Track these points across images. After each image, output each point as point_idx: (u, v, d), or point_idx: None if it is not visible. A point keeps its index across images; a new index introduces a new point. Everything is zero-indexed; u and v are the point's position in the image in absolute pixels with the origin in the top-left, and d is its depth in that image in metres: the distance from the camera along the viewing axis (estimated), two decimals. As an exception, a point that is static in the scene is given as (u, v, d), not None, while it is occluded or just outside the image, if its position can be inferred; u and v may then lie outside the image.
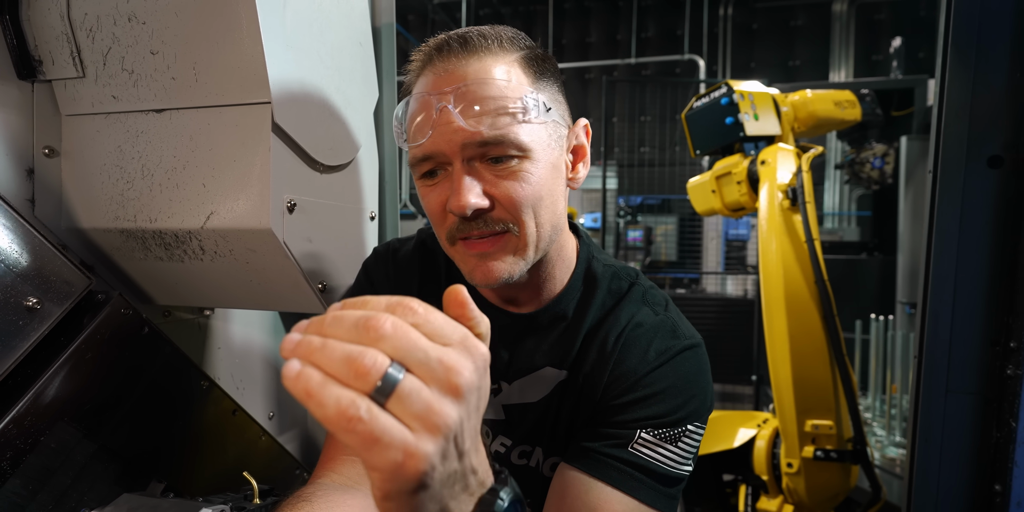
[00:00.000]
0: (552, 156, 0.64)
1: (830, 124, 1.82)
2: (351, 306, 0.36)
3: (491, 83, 0.59)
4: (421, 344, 0.34)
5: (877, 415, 2.47)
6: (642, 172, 4.91)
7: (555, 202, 0.65)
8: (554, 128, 0.64)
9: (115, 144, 0.75)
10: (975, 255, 0.85)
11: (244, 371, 1.02)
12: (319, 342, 0.33)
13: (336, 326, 0.34)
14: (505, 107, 0.59)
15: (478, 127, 0.58)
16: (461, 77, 0.60)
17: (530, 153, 0.61)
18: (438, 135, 0.60)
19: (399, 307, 0.35)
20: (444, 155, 0.61)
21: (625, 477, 0.63)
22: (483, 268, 0.63)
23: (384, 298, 0.36)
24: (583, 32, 7.23)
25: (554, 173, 0.64)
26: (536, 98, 0.61)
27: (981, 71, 0.83)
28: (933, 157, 0.87)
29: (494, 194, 0.61)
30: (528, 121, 0.60)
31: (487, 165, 0.61)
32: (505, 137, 0.59)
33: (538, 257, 0.66)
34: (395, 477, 0.33)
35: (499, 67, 0.61)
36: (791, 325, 1.45)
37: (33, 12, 0.72)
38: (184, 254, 0.77)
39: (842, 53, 6.35)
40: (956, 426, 0.85)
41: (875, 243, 3.32)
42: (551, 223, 0.65)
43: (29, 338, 0.65)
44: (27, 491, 0.65)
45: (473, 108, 0.59)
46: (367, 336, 0.33)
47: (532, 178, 0.61)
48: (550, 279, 0.72)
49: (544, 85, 0.64)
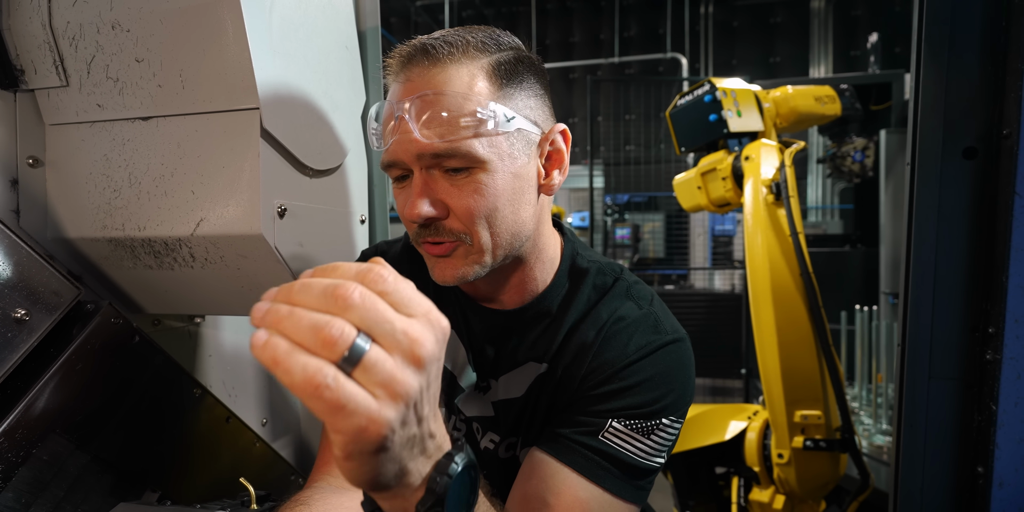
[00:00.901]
0: (515, 166, 0.64)
1: (811, 119, 1.85)
2: (321, 273, 0.37)
3: (447, 95, 0.60)
4: (388, 315, 0.35)
5: (864, 404, 2.51)
6: (628, 170, 4.94)
7: (516, 211, 0.65)
8: (519, 137, 0.64)
9: (101, 153, 0.75)
10: (953, 244, 0.87)
11: (236, 378, 1.01)
12: (286, 310, 0.34)
13: (304, 293, 0.35)
14: (458, 120, 0.60)
15: (432, 139, 0.59)
16: (422, 86, 0.61)
17: (485, 164, 0.61)
18: (397, 144, 0.62)
19: (369, 274, 0.36)
20: (404, 163, 0.63)
21: (592, 465, 0.64)
22: (439, 268, 0.66)
23: (355, 265, 0.37)
24: (566, 32, 7.26)
25: (517, 183, 0.64)
26: (494, 110, 0.61)
27: (954, 65, 0.86)
28: (910, 150, 0.90)
29: (449, 204, 0.63)
30: (485, 134, 0.61)
31: (444, 174, 0.62)
32: (458, 150, 0.60)
33: (498, 262, 0.67)
34: (358, 440, 0.35)
35: (461, 77, 0.61)
36: (778, 318, 1.48)
37: (14, 21, 0.71)
38: (174, 262, 0.77)
39: (821, 49, 6.45)
40: (939, 411, 0.88)
41: (858, 235, 3.37)
42: (510, 232, 0.65)
43: (18, 350, 0.65)
44: (20, 504, 0.64)
45: (428, 119, 0.60)
46: (335, 305, 0.34)
47: (487, 190, 0.62)
48: (530, 279, 0.73)
49: (513, 91, 0.63)
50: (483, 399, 0.76)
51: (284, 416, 1.11)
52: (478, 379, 0.76)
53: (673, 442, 0.70)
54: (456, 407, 0.77)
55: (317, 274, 0.37)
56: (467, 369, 0.76)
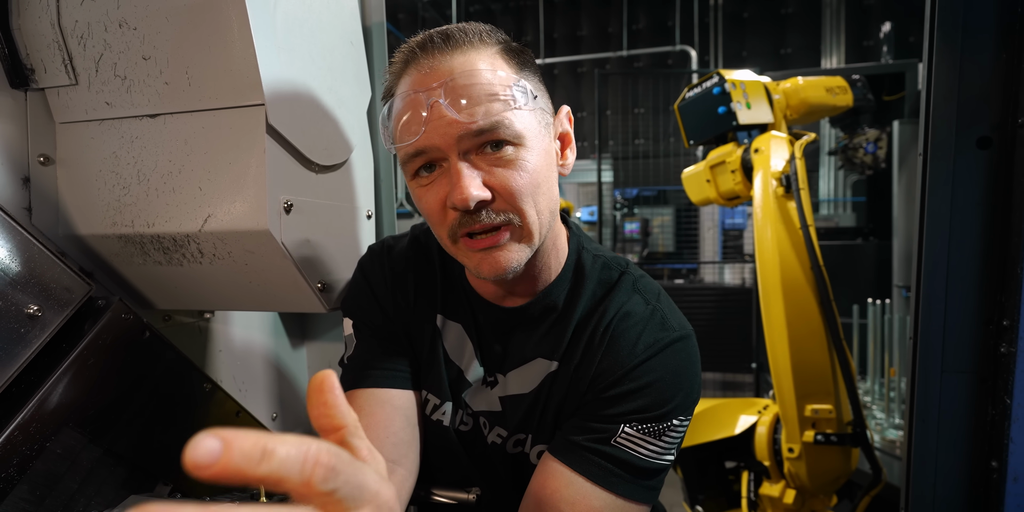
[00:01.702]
0: (544, 143, 0.65)
1: (822, 111, 1.82)
2: (248, 454, 0.25)
3: (478, 74, 0.60)
4: None
5: (876, 398, 2.49)
6: (637, 164, 4.91)
7: (551, 189, 0.66)
8: (542, 116, 0.65)
9: (110, 150, 0.75)
10: (967, 236, 0.86)
11: (246, 373, 1.03)
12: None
13: None
14: (496, 95, 0.60)
15: (473, 117, 0.59)
16: (448, 71, 0.61)
17: (524, 141, 0.62)
18: (432, 130, 0.60)
19: (316, 468, 0.27)
20: (439, 150, 0.61)
21: (605, 473, 0.64)
22: (490, 260, 0.63)
23: (294, 446, 0.27)
24: (574, 26, 7.20)
25: (547, 160, 0.65)
26: (523, 86, 0.62)
27: (968, 53, 0.84)
28: (923, 140, 0.88)
29: (493, 185, 0.62)
30: (519, 108, 0.61)
31: (483, 156, 0.61)
32: (500, 124, 0.60)
33: (541, 242, 0.67)
34: None
35: (483, 60, 0.62)
36: (789, 312, 1.47)
37: (23, 21, 0.72)
38: (183, 258, 0.77)
39: (833, 39, 6.35)
40: (952, 405, 0.87)
41: (870, 228, 3.33)
42: (549, 209, 0.66)
43: (31, 345, 0.66)
44: (35, 497, 0.66)
45: (464, 99, 0.59)
46: None
47: (528, 166, 0.62)
48: (545, 269, 0.72)
49: (527, 75, 0.65)
50: (490, 394, 0.76)
51: (294, 410, 1.12)
52: (485, 374, 0.76)
53: (681, 439, 0.70)
54: (463, 401, 0.77)
55: (237, 457, 0.25)
56: (474, 363, 0.76)
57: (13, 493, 0.63)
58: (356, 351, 0.78)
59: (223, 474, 0.25)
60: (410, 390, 0.76)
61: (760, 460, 1.64)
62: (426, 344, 0.77)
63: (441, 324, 0.77)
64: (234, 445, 0.25)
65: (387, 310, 0.78)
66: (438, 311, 0.78)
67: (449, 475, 0.80)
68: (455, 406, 0.77)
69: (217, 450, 0.25)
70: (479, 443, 0.77)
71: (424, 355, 0.77)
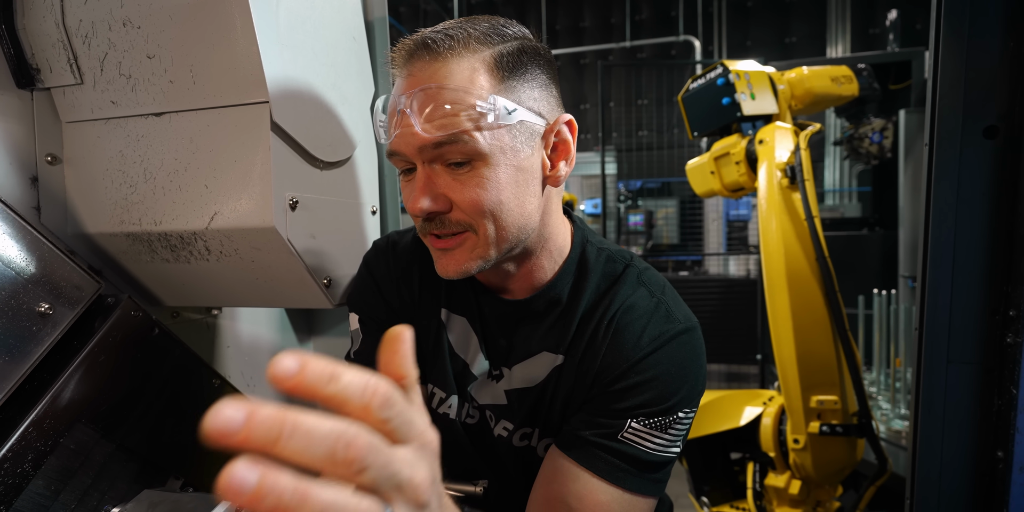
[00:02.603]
0: (517, 159, 0.63)
1: (827, 100, 1.81)
2: (319, 375, 0.29)
3: (448, 89, 0.60)
4: (395, 468, 0.30)
5: (882, 389, 2.49)
6: (641, 156, 4.89)
7: (521, 204, 0.65)
8: (522, 129, 0.63)
9: (116, 149, 0.76)
10: (973, 226, 0.85)
11: (253, 368, 1.04)
12: (286, 488, 0.26)
13: (301, 443, 0.28)
14: (458, 113, 0.60)
15: (432, 132, 0.60)
16: (423, 80, 0.61)
17: (486, 158, 0.61)
18: (399, 137, 0.62)
19: (375, 398, 0.30)
20: (406, 156, 0.63)
21: (612, 468, 0.65)
22: (443, 261, 0.67)
23: (359, 377, 0.30)
24: (576, 17, 7.15)
25: (520, 175, 0.64)
26: (494, 102, 0.60)
27: (975, 41, 0.83)
28: (929, 129, 0.87)
29: (452, 198, 0.63)
30: (486, 127, 0.60)
31: (447, 168, 0.62)
32: (458, 139, 0.60)
33: (502, 255, 0.67)
34: None
35: (461, 71, 0.61)
36: (793, 303, 1.46)
37: (28, 21, 0.72)
38: (190, 255, 0.78)
39: (838, 28, 6.28)
40: (957, 396, 0.87)
41: (876, 218, 3.32)
42: (516, 225, 0.65)
43: (43, 343, 0.67)
44: (50, 491, 0.67)
45: (429, 113, 0.60)
46: (346, 468, 0.28)
47: (489, 184, 0.62)
48: (538, 269, 0.73)
49: (516, 83, 0.63)
50: (495, 387, 0.76)
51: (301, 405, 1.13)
52: (491, 367, 0.77)
53: (687, 431, 0.71)
54: (469, 394, 0.78)
55: (311, 377, 0.29)
56: (479, 356, 0.77)
57: (29, 488, 0.64)
58: (362, 346, 0.78)
59: (298, 388, 0.29)
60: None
61: (765, 451, 1.65)
62: (431, 338, 0.77)
63: (446, 318, 0.78)
64: (309, 366, 0.29)
65: (392, 305, 0.79)
66: (443, 305, 0.78)
67: (456, 468, 0.81)
68: (461, 399, 0.78)
69: (295, 367, 0.28)
70: (486, 436, 0.78)
71: (429, 349, 0.78)
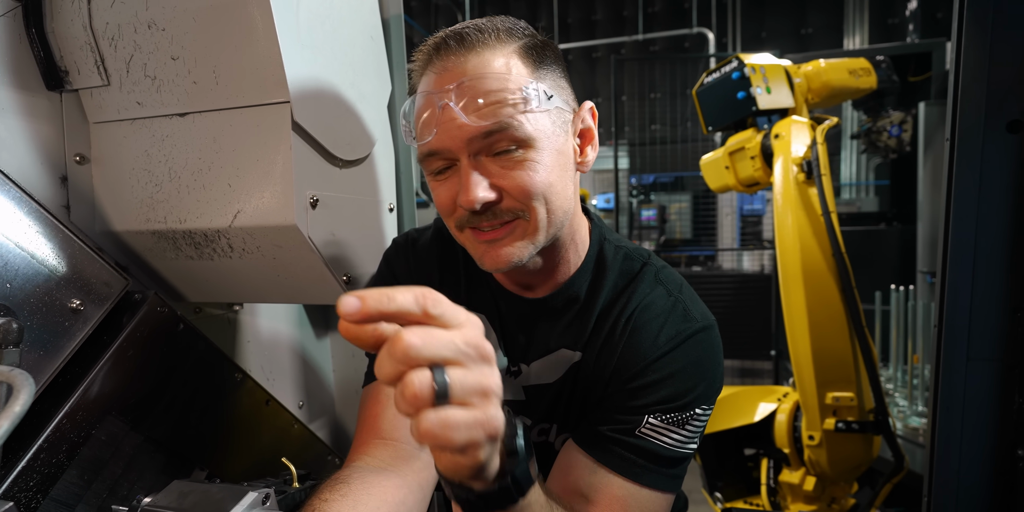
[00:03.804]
0: (558, 143, 0.65)
1: (845, 93, 1.79)
2: (375, 302, 0.38)
3: (489, 77, 0.61)
4: (446, 339, 0.40)
5: (899, 386, 2.46)
6: (654, 150, 4.85)
7: (565, 187, 0.66)
8: (558, 114, 0.65)
9: (142, 149, 0.78)
10: (995, 221, 0.84)
11: (273, 363, 1.06)
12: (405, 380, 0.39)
13: (396, 302, 0.39)
14: (505, 99, 0.60)
15: (480, 121, 0.60)
16: (460, 74, 0.61)
17: (534, 142, 0.62)
18: (443, 132, 0.62)
19: (426, 300, 0.40)
20: (450, 151, 0.63)
21: (628, 463, 0.66)
22: (492, 253, 0.65)
23: (408, 291, 0.40)
24: (588, 10, 7.08)
25: (561, 159, 0.66)
26: (536, 87, 0.62)
27: (999, 33, 0.82)
28: (950, 123, 0.86)
29: (502, 185, 0.63)
30: (530, 110, 0.61)
31: (493, 158, 0.63)
32: (509, 126, 0.61)
33: (548, 241, 0.67)
34: (480, 443, 0.41)
35: (497, 60, 0.62)
36: (809, 298, 1.46)
37: (57, 24, 0.74)
38: (213, 252, 0.80)
39: (856, 18, 6.15)
40: (977, 393, 0.86)
41: (894, 213, 3.27)
42: (562, 209, 0.66)
43: (75, 338, 0.69)
44: (83, 481, 0.69)
45: (475, 102, 0.60)
46: (405, 359, 0.38)
47: (539, 166, 0.63)
48: (564, 262, 0.73)
49: (545, 73, 0.65)
50: (514, 383, 0.77)
51: (320, 398, 1.15)
52: (509, 363, 0.78)
53: (703, 428, 0.71)
54: (487, 390, 0.79)
55: (372, 303, 0.38)
56: (498, 353, 0.77)
57: (64, 477, 0.67)
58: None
59: (367, 315, 0.38)
60: None
61: (780, 447, 1.64)
62: None
63: None
64: (367, 297, 0.38)
65: None
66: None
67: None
68: None
69: (357, 302, 0.38)
70: None
71: None
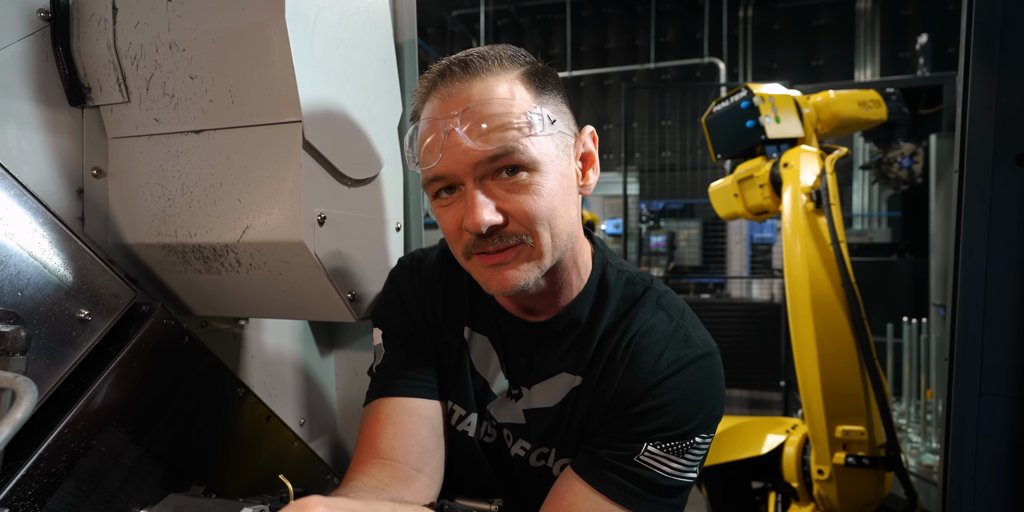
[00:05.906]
0: (561, 166, 0.66)
1: (854, 125, 1.80)
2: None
3: (494, 102, 0.62)
4: None
5: (912, 421, 2.40)
6: (663, 177, 4.89)
7: (568, 211, 0.67)
8: (561, 139, 0.66)
9: (157, 164, 0.80)
10: (1005, 254, 0.83)
11: (276, 379, 1.05)
12: None
13: None
14: (510, 123, 0.61)
15: (486, 145, 0.61)
16: (465, 99, 0.63)
17: (539, 166, 0.63)
18: (448, 157, 0.63)
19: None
20: (456, 176, 0.64)
21: (625, 492, 0.64)
22: (498, 277, 0.65)
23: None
24: (601, 39, 7.24)
25: (564, 183, 0.66)
26: (540, 112, 0.63)
27: (1006, 67, 0.83)
28: (958, 156, 0.86)
29: (507, 209, 0.63)
30: (534, 135, 0.62)
31: (498, 181, 0.63)
32: (514, 149, 0.61)
33: (552, 264, 0.67)
34: None
35: (501, 86, 0.63)
36: (818, 329, 1.44)
37: (83, 43, 0.77)
38: (221, 267, 0.81)
39: (867, 51, 6.23)
40: (991, 430, 0.84)
41: (906, 244, 3.24)
42: (566, 232, 0.67)
43: (81, 348, 0.70)
44: (80, 492, 0.69)
45: (479, 127, 0.61)
46: None
47: (543, 190, 0.63)
48: (566, 286, 0.73)
49: (547, 98, 0.66)
50: (514, 406, 0.76)
51: (321, 417, 1.15)
52: (510, 386, 0.77)
53: (704, 457, 0.70)
54: (488, 413, 0.78)
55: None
56: (499, 376, 0.77)
57: (62, 488, 0.66)
58: (385, 361, 0.80)
59: None
60: (436, 400, 0.77)
61: (788, 481, 1.60)
62: (453, 355, 0.78)
63: (468, 336, 0.79)
64: None
65: (416, 321, 0.80)
66: (465, 323, 0.79)
67: (473, 485, 0.80)
68: (480, 417, 0.78)
69: None
70: (503, 455, 0.78)
71: (451, 366, 0.78)
